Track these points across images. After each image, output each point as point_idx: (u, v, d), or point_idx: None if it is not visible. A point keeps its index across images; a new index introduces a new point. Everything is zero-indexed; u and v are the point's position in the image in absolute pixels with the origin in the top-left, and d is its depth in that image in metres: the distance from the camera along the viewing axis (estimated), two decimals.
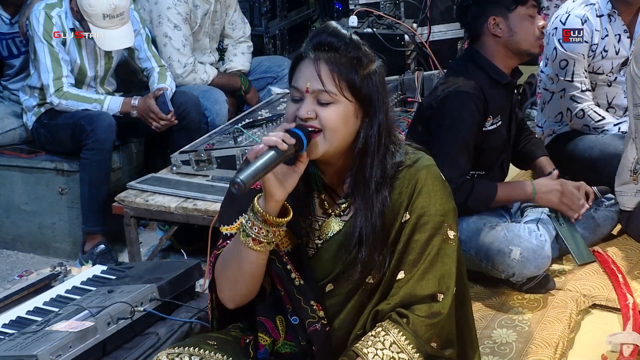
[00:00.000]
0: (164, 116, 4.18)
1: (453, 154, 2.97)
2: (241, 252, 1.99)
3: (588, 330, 2.92)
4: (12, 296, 2.84)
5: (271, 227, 1.95)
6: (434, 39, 5.00)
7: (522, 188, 3.12)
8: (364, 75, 2.01)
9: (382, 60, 2.09)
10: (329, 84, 1.98)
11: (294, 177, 1.95)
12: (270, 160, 1.89)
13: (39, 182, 4.30)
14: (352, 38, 2.02)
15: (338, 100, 1.98)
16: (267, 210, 1.94)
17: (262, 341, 2.14)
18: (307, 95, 1.99)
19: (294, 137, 1.92)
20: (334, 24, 2.06)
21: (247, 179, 1.84)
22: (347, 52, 2.00)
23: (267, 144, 1.90)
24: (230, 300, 2.10)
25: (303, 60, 2.02)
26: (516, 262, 2.93)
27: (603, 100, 3.81)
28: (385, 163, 2.06)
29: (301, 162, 1.96)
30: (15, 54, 4.60)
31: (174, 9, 4.57)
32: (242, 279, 2.04)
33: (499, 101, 3.08)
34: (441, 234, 2.08)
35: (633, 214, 3.35)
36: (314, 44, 2.01)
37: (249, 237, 1.96)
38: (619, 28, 3.71)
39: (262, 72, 5.03)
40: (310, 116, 1.97)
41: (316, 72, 1.98)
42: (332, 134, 1.98)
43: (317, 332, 2.09)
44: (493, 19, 3.01)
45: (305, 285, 2.08)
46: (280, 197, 1.94)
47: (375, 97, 2.02)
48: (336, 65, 1.98)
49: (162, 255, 4.16)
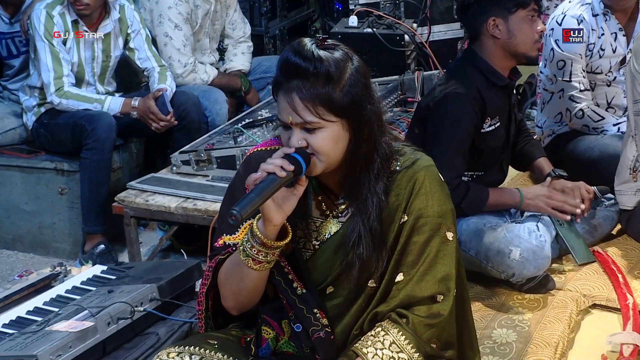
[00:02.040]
0: (164, 117, 4.18)
1: (449, 156, 2.97)
2: (242, 270, 2.01)
3: (588, 330, 2.92)
4: (12, 296, 2.84)
5: (270, 250, 1.97)
6: (434, 39, 5.00)
7: (511, 195, 3.13)
8: (341, 89, 1.95)
9: (357, 56, 2.02)
10: (307, 115, 1.94)
11: (292, 200, 1.95)
12: (268, 189, 1.88)
13: (39, 182, 4.30)
14: (315, 55, 1.94)
15: (323, 125, 1.95)
16: (266, 234, 1.95)
17: (265, 334, 2.15)
18: (293, 126, 1.96)
19: (292, 162, 1.91)
20: (300, 41, 1.98)
21: (244, 210, 1.84)
22: (316, 72, 1.92)
23: (265, 171, 1.90)
24: (234, 309, 2.13)
25: (279, 90, 1.97)
26: (516, 262, 2.93)
27: (602, 100, 3.81)
28: (378, 160, 2.05)
29: (300, 185, 1.95)
30: (14, 54, 4.60)
31: (175, 8, 4.57)
32: (244, 292, 2.06)
33: (496, 102, 3.09)
34: (440, 236, 2.07)
35: (633, 213, 3.35)
36: (282, 69, 1.96)
37: (248, 257, 1.98)
38: (614, 27, 3.71)
39: (262, 72, 5.03)
40: (301, 145, 1.96)
41: (291, 107, 1.94)
42: (326, 156, 1.98)
43: (320, 340, 2.08)
44: (493, 19, 3.01)
45: (307, 294, 2.08)
46: (278, 221, 1.94)
47: (357, 103, 1.98)
48: (308, 92, 1.92)
49: (162, 255, 4.16)
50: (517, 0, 2.98)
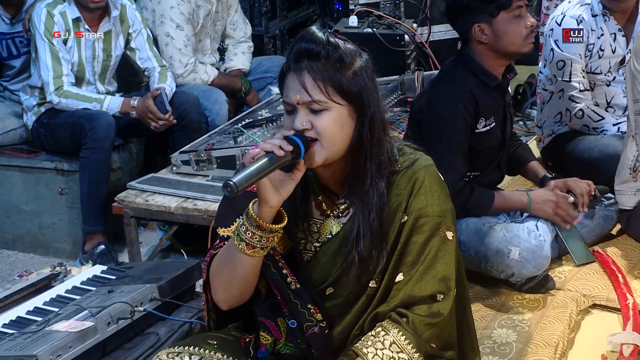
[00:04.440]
0: (162, 116, 4.18)
1: (449, 159, 2.96)
2: (235, 256, 1.99)
3: (588, 330, 2.92)
4: (12, 296, 2.84)
5: (265, 233, 1.95)
6: (434, 39, 5.01)
7: (518, 198, 3.13)
8: (350, 75, 1.98)
9: (367, 53, 2.06)
10: (316, 94, 1.95)
11: (290, 184, 1.95)
12: (266, 165, 1.87)
13: (39, 182, 4.30)
14: (329, 40, 1.99)
15: (330, 106, 1.96)
16: (261, 216, 1.94)
17: (263, 340, 2.14)
18: (299, 107, 1.97)
19: (291, 144, 1.91)
20: (311, 29, 2.02)
21: (241, 182, 1.83)
22: (328, 56, 1.96)
23: (264, 149, 1.90)
24: (223, 302, 2.10)
25: (288, 74, 1.99)
26: (515, 262, 2.93)
27: (602, 100, 3.81)
28: (381, 156, 2.05)
29: (298, 169, 1.95)
30: (15, 54, 4.60)
31: (177, 8, 4.57)
32: (235, 282, 2.04)
33: (490, 103, 3.08)
34: (439, 235, 2.07)
35: (633, 213, 3.35)
36: (294, 54, 1.98)
37: (242, 241, 1.96)
38: (613, 27, 3.71)
39: (262, 72, 5.03)
40: (305, 127, 1.96)
41: (301, 84, 1.95)
42: (330, 141, 1.97)
43: (315, 335, 2.08)
44: (478, 26, 3.01)
45: (301, 289, 2.08)
46: (274, 203, 1.93)
47: (364, 93, 2.00)
48: (319, 72, 1.95)
49: (162, 255, 4.16)
50: (497, 4, 2.96)
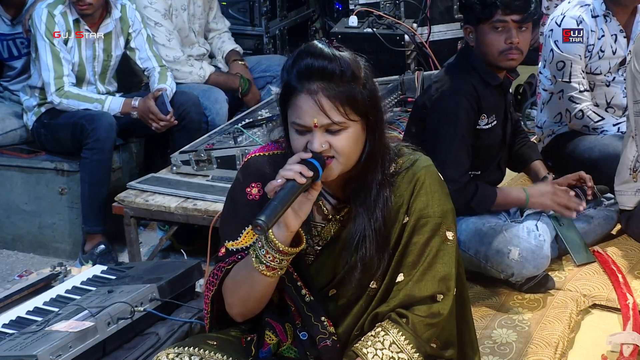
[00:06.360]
0: (163, 117, 4.18)
1: (454, 153, 2.97)
2: (254, 276, 1.99)
3: (588, 330, 2.92)
4: (12, 296, 2.84)
5: (286, 256, 1.96)
6: (434, 39, 5.01)
7: (517, 193, 3.13)
8: (361, 89, 1.96)
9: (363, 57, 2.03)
10: (336, 116, 1.92)
11: (307, 205, 1.94)
12: (290, 196, 1.87)
13: (39, 182, 4.30)
14: (335, 54, 1.95)
15: (347, 125, 1.95)
16: (282, 240, 1.94)
17: (268, 339, 2.14)
18: (316, 129, 1.93)
19: (310, 168, 1.89)
20: (314, 44, 1.98)
21: (269, 219, 1.84)
22: (341, 74, 1.92)
23: (285, 177, 1.88)
24: (239, 315, 2.11)
25: (298, 94, 1.93)
26: (515, 262, 2.93)
27: (602, 100, 3.81)
28: (385, 163, 2.06)
29: (315, 189, 1.94)
30: (15, 55, 4.60)
31: (151, 7, 4.57)
32: (253, 299, 2.05)
33: (492, 101, 3.09)
34: (440, 235, 2.07)
35: (633, 213, 3.35)
36: (303, 73, 1.93)
37: (262, 264, 1.96)
38: (614, 28, 3.71)
39: (261, 71, 5.02)
40: (324, 148, 1.93)
41: (319, 107, 1.91)
42: (347, 157, 1.97)
43: (327, 348, 2.08)
44: (467, 28, 3.04)
45: (315, 302, 2.08)
46: (295, 227, 1.94)
47: (375, 98, 2.00)
48: (336, 93, 1.91)
49: (162, 255, 4.16)
50: (477, 15, 2.98)
